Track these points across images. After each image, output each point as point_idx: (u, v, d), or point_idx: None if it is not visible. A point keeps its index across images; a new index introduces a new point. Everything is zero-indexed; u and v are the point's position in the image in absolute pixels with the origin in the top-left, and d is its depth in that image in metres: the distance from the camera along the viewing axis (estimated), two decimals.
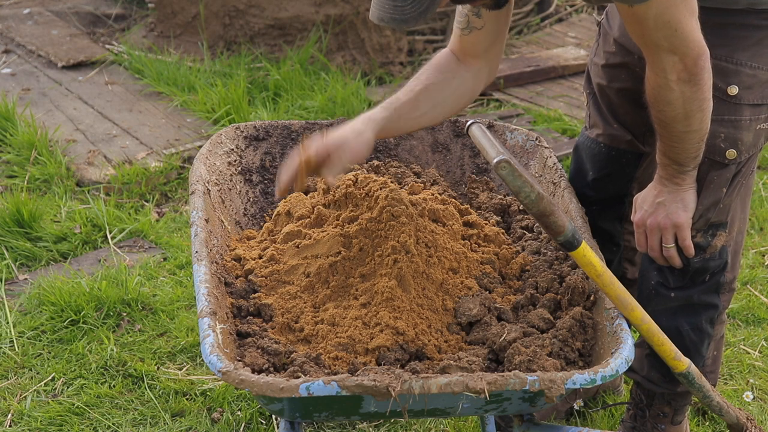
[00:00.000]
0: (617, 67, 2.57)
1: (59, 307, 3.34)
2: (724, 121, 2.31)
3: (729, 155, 2.32)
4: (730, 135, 2.31)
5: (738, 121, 2.31)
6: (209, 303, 2.11)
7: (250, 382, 1.90)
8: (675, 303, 2.54)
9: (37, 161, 4.31)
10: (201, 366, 3.18)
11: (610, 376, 1.97)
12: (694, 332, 2.55)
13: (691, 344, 2.57)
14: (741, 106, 2.30)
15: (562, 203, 2.63)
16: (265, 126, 2.91)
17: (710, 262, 2.46)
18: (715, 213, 2.40)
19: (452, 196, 2.81)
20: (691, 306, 2.53)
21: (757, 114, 2.31)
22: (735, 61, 2.28)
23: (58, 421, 2.93)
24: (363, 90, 4.99)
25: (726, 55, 2.28)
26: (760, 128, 2.32)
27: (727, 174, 2.35)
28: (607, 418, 2.97)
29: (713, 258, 2.46)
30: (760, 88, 2.29)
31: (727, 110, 2.30)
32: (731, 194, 2.39)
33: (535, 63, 5.60)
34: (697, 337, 2.56)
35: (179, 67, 5.22)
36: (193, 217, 2.43)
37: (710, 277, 2.49)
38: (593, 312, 2.30)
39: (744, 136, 2.32)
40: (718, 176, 2.35)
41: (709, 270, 2.48)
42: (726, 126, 2.31)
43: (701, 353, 2.59)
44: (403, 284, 2.28)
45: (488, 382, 1.90)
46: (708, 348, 2.60)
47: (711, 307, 2.54)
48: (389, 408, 1.94)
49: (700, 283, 2.50)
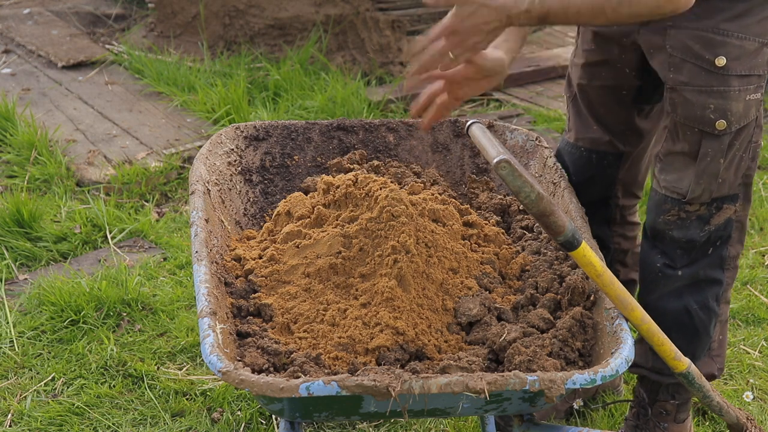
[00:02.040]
0: (598, 64, 2.60)
1: (59, 307, 3.34)
2: (713, 92, 2.33)
3: (719, 126, 2.34)
4: (719, 106, 2.33)
5: (727, 92, 2.33)
6: (209, 303, 2.11)
7: (250, 382, 1.90)
8: (681, 282, 2.54)
9: (37, 161, 4.31)
10: (201, 366, 3.18)
11: (610, 376, 1.97)
12: (702, 311, 2.55)
13: (700, 324, 2.56)
14: (729, 77, 2.32)
15: (562, 203, 2.63)
16: (265, 126, 2.91)
17: (714, 233, 2.48)
18: (718, 186, 2.41)
19: (452, 196, 2.81)
20: (697, 283, 2.54)
21: (746, 84, 2.33)
22: (722, 32, 2.31)
23: (58, 421, 2.93)
24: (363, 90, 4.99)
25: (713, 26, 2.31)
26: (750, 98, 2.35)
27: (720, 145, 2.37)
28: (606, 417, 2.97)
29: (718, 229, 2.47)
30: (747, 58, 2.32)
31: (716, 81, 2.33)
32: (731, 167, 2.41)
33: (535, 63, 5.60)
34: (705, 316, 2.56)
35: (179, 67, 5.22)
36: (193, 217, 2.43)
37: (713, 250, 2.50)
38: (593, 312, 2.30)
39: (733, 107, 2.34)
40: (712, 148, 2.37)
41: (711, 241, 2.49)
42: (715, 97, 2.33)
43: (709, 333, 2.59)
44: (403, 284, 2.28)
45: (488, 382, 1.90)
46: (714, 329, 2.60)
47: (716, 283, 2.54)
48: (389, 408, 1.94)
49: (703, 256, 2.51)
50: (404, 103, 5.02)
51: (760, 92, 2.37)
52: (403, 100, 5.03)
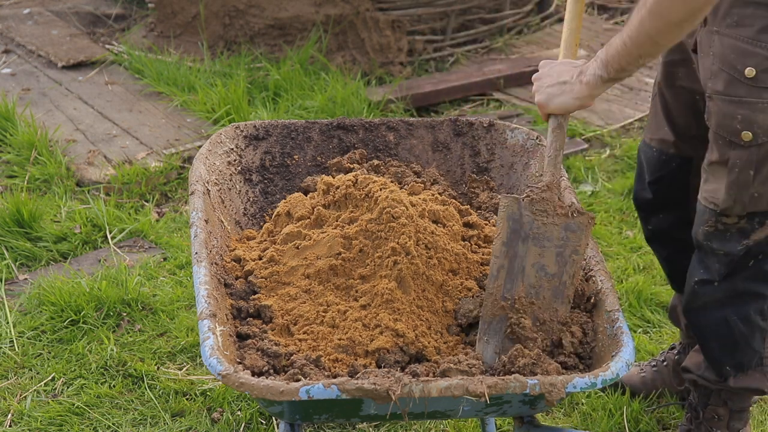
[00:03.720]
0: (676, 64, 2.59)
1: (59, 307, 3.34)
2: (742, 102, 2.30)
3: (744, 137, 2.31)
4: (746, 117, 2.30)
5: (755, 104, 2.29)
6: (209, 305, 2.11)
7: (250, 385, 1.90)
8: (721, 294, 2.52)
9: (37, 161, 4.30)
10: (201, 366, 3.18)
11: (611, 379, 1.97)
12: (743, 323, 2.53)
13: (740, 336, 2.55)
14: (758, 88, 2.29)
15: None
16: (264, 125, 2.91)
17: (754, 248, 2.45)
18: (751, 200, 2.38)
19: (452, 195, 2.81)
20: (738, 296, 2.51)
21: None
22: (756, 42, 2.28)
23: (58, 421, 2.92)
24: (363, 90, 4.98)
25: (749, 36, 2.28)
26: None
27: (748, 156, 2.33)
28: (606, 418, 2.97)
29: (758, 244, 2.44)
30: None
31: (745, 91, 2.30)
32: (765, 182, 2.36)
33: (535, 63, 5.58)
34: (747, 329, 2.54)
35: (179, 67, 5.22)
36: (192, 218, 2.43)
37: (754, 263, 2.47)
38: (593, 315, 2.30)
39: (760, 119, 2.30)
40: (740, 159, 2.34)
41: (752, 255, 2.46)
42: (743, 107, 2.30)
43: (753, 346, 2.57)
44: (403, 286, 2.28)
45: (488, 386, 1.90)
46: (762, 342, 2.57)
47: (759, 297, 2.51)
48: (389, 411, 1.94)
49: (742, 269, 2.49)
50: (404, 103, 5.01)
51: None
52: (403, 100, 5.03)
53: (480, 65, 5.61)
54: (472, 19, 5.95)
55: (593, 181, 4.43)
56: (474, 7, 5.90)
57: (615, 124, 5.05)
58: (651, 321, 3.46)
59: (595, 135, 4.92)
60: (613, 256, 3.82)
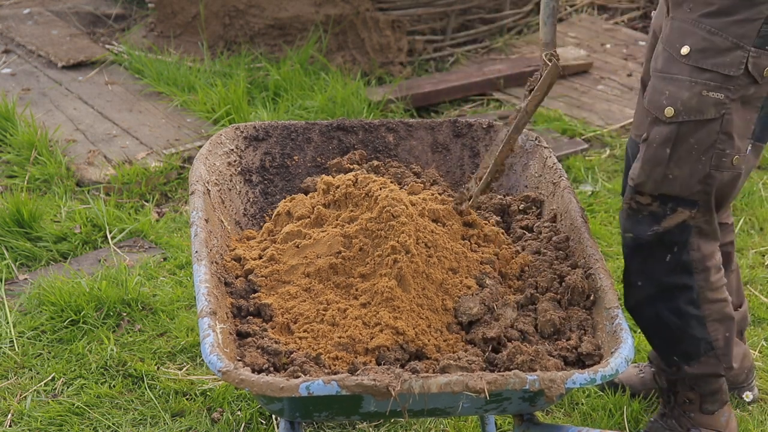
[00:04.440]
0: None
1: (59, 307, 3.34)
2: (673, 79, 2.36)
3: (667, 113, 2.36)
4: (672, 93, 2.36)
5: (683, 81, 2.35)
6: (209, 303, 2.11)
7: (250, 381, 1.90)
8: (647, 291, 2.57)
9: (37, 161, 4.31)
10: (201, 366, 3.18)
11: (610, 375, 1.98)
12: (676, 316, 2.57)
13: (677, 329, 2.59)
14: (688, 66, 2.34)
15: (562, 203, 2.63)
16: (264, 126, 2.91)
17: (665, 237, 2.48)
18: (665, 180, 2.42)
19: (452, 196, 2.81)
20: (665, 291, 2.55)
21: (704, 79, 2.32)
22: (697, 23, 2.33)
23: (58, 421, 2.93)
24: (363, 90, 4.99)
25: (693, 19, 2.34)
26: (705, 95, 2.33)
27: (667, 133, 2.38)
28: (606, 417, 2.97)
29: (669, 234, 2.47)
30: (714, 54, 2.31)
31: (676, 68, 2.36)
32: (683, 165, 2.39)
33: (535, 63, 5.60)
34: (682, 321, 2.57)
35: (179, 67, 5.22)
36: (193, 217, 2.43)
37: (671, 257, 2.50)
38: (593, 311, 2.30)
39: (684, 96, 2.35)
40: (659, 134, 2.40)
41: (664, 246, 2.49)
42: (672, 84, 2.36)
43: (694, 335, 2.59)
44: (403, 284, 2.28)
45: (488, 382, 1.91)
46: (704, 329, 2.59)
47: (685, 288, 2.54)
48: (389, 408, 1.94)
49: (660, 264, 2.52)
50: (404, 103, 5.02)
51: (725, 95, 2.32)
52: (403, 100, 5.03)
53: (480, 65, 5.61)
54: (472, 19, 5.95)
55: (593, 181, 4.43)
56: (474, 7, 5.90)
57: (615, 124, 5.06)
58: None
59: (595, 135, 4.92)
60: (613, 256, 3.82)
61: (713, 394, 2.73)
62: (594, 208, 4.21)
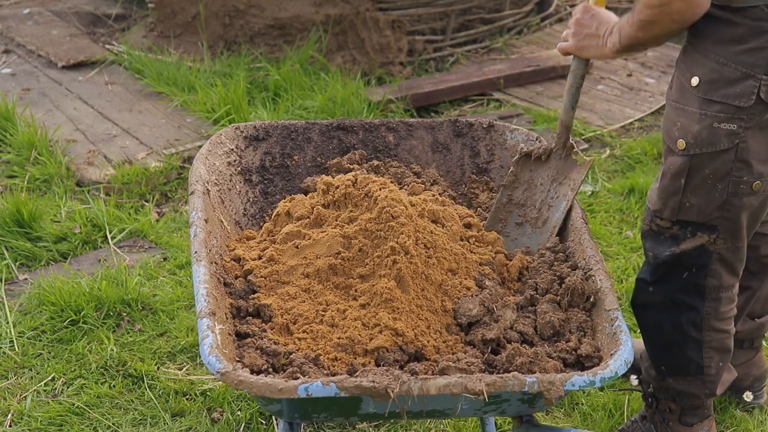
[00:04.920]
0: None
1: (59, 307, 3.34)
2: (684, 110, 2.36)
3: (679, 145, 2.37)
4: (683, 125, 2.36)
5: (693, 113, 2.34)
6: (208, 303, 2.11)
7: (249, 383, 1.90)
8: (657, 298, 2.58)
9: (37, 161, 4.30)
10: (201, 366, 3.18)
11: (610, 377, 1.98)
12: (675, 331, 2.58)
13: (672, 342, 2.60)
14: (698, 98, 2.33)
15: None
16: (264, 126, 2.91)
17: (683, 258, 2.48)
18: (682, 208, 2.42)
19: (452, 196, 2.81)
20: (672, 305, 2.56)
21: (714, 111, 2.30)
22: (706, 53, 2.31)
23: (58, 421, 2.93)
24: (363, 90, 4.99)
25: (703, 46, 2.32)
26: (717, 126, 2.30)
27: (681, 165, 2.38)
28: (606, 418, 2.97)
29: (688, 256, 2.47)
30: (723, 85, 2.29)
31: (687, 100, 2.35)
32: (699, 193, 2.39)
33: (535, 63, 5.60)
34: (679, 337, 2.58)
35: (179, 67, 5.22)
36: (192, 218, 2.43)
37: (688, 275, 2.50)
38: (592, 313, 2.30)
39: (694, 129, 2.33)
40: (673, 165, 2.40)
41: (683, 266, 2.50)
42: (683, 116, 2.36)
43: (687, 355, 2.60)
44: (402, 285, 2.28)
45: (487, 384, 1.90)
46: (700, 353, 2.59)
47: (692, 310, 2.54)
48: (388, 409, 1.94)
49: (676, 279, 2.52)
50: (404, 103, 5.02)
51: (738, 125, 2.29)
52: (403, 100, 5.03)
53: (480, 65, 5.61)
54: (472, 19, 5.95)
55: (593, 181, 4.43)
56: (474, 7, 5.90)
57: (615, 124, 5.05)
58: None
59: (595, 135, 4.92)
60: (613, 256, 3.82)
61: (694, 409, 2.74)
62: (594, 208, 4.20)
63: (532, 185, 2.65)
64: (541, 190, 2.63)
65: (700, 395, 2.67)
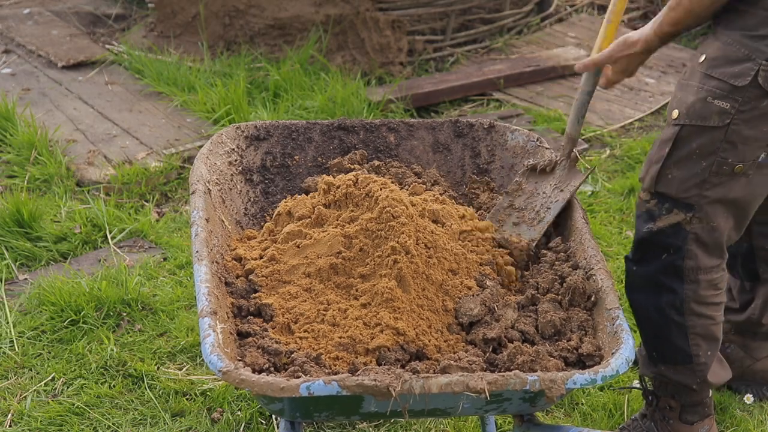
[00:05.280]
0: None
1: (59, 307, 3.34)
2: (687, 85, 2.44)
3: (673, 115, 2.44)
4: (681, 98, 2.44)
5: (692, 86, 2.41)
6: (210, 303, 2.11)
7: (251, 381, 1.90)
8: (640, 280, 2.62)
9: (37, 161, 4.30)
10: (201, 366, 3.18)
11: (611, 376, 1.98)
12: (657, 313, 2.60)
13: (656, 326, 2.62)
14: (699, 73, 2.41)
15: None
16: (265, 126, 2.91)
17: (659, 237, 2.52)
18: (661, 178, 2.48)
19: (453, 196, 2.81)
20: (653, 286, 2.59)
21: (711, 86, 2.37)
22: (717, 35, 2.40)
23: (58, 421, 2.92)
24: (363, 90, 4.99)
25: (716, 30, 2.41)
26: (711, 102, 2.37)
27: (669, 134, 2.45)
28: (606, 417, 2.97)
29: (663, 234, 2.51)
30: (725, 63, 2.35)
31: (692, 76, 2.43)
32: (682, 167, 2.44)
33: (535, 63, 5.60)
34: (662, 320, 2.60)
35: (179, 67, 5.22)
36: (193, 217, 2.43)
37: (667, 256, 2.53)
38: (594, 312, 2.30)
39: (690, 100, 2.41)
40: (665, 135, 2.48)
41: (660, 246, 2.53)
42: (684, 89, 2.44)
43: (674, 343, 2.61)
44: (403, 285, 2.28)
45: (489, 382, 1.91)
46: (686, 340, 2.60)
47: (671, 291, 2.56)
48: (389, 408, 1.94)
49: (654, 259, 2.56)
50: (404, 103, 5.02)
51: (731, 104, 2.34)
52: (403, 100, 5.03)
53: (480, 65, 5.61)
54: (472, 19, 5.95)
55: (593, 181, 4.43)
56: (474, 7, 5.90)
57: (615, 124, 5.06)
58: None
59: (595, 135, 4.92)
60: (613, 256, 3.82)
61: (694, 406, 2.74)
62: (594, 208, 4.21)
63: (535, 194, 2.67)
64: (542, 197, 2.64)
65: (691, 385, 2.67)
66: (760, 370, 3.03)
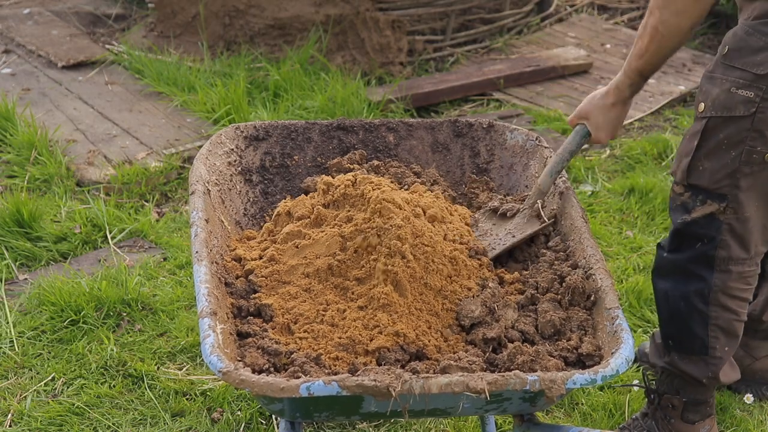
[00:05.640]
0: None
1: (59, 307, 3.34)
2: (711, 77, 2.46)
3: (699, 108, 2.46)
4: (707, 90, 2.45)
5: (716, 78, 2.43)
6: (209, 303, 2.11)
7: (251, 382, 1.90)
8: (669, 265, 2.62)
9: (37, 161, 4.30)
10: (201, 366, 3.18)
11: (611, 376, 1.98)
12: (682, 301, 2.60)
13: (677, 313, 2.62)
14: (722, 64, 2.42)
15: (562, 203, 2.63)
16: (265, 126, 2.91)
17: (693, 227, 2.53)
18: (692, 171, 2.48)
19: (452, 196, 2.81)
20: (682, 273, 2.60)
21: (734, 76, 2.38)
22: (741, 26, 2.42)
23: (58, 421, 2.93)
24: (363, 90, 4.99)
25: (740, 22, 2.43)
26: (735, 92, 2.38)
27: (698, 126, 2.46)
28: (606, 417, 2.97)
29: (697, 224, 2.51)
30: (747, 53, 2.37)
31: (715, 69, 2.45)
32: (712, 158, 2.45)
33: (535, 63, 5.60)
34: (686, 308, 2.59)
35: (179, 67, 5.22)
36: (193, 217, 2.43)
37: (700, 245, 2.54)
38: (593, 312, 2.30)
39: (714, 92, 2.42)
40: (693, 128, 2.49)
41: (694, 236, 2.54)
42: (709, 82, 2.46)
43: (693, 330, 2.60)
44: (400, 289, 2.28)
45: (489, 382, 1.90)
46: (705, 330, 2.60)
47: (700, 280, 2.56)
48: (389, 408, 1.94)
49: (688, 249, 2.57)
50: (404, 103, 5.02)
51: (755, 93, 2.35)
52: (403, 100, 5.03)
53: (480, 65, 5.61)
54: (472, 19, 5.95)
55: (593, 181, 4.43)
56: (474, 7, 5.90)
57: None
58: (651, 321, 3.46)
59: None
60: (613, 256, 3.82)
61: (697, 404, 2.74)
62: (594, 208, 4.21)
63: (488, 234, 2.64)
64: (493, 238, 2.62)
65: (701, 378, 2.67)
66: (759, 369, 3.03)
